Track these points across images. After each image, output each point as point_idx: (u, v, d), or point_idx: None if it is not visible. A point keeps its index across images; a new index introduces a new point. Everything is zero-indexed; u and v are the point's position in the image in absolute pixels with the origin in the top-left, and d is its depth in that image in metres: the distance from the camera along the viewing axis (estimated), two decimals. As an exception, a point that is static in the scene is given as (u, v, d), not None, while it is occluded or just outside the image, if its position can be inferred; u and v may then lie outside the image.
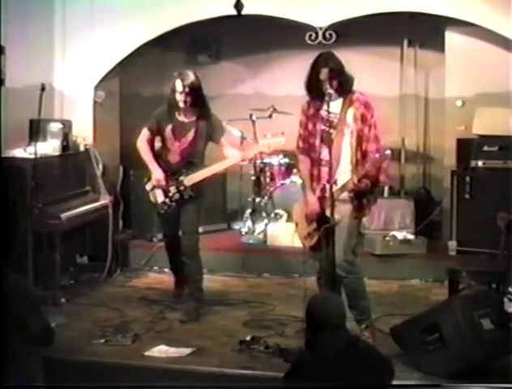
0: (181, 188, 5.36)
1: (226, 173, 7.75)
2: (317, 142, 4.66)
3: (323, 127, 4.63)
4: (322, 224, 4.61)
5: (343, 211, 4.54)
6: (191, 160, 5.39)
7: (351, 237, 4.67)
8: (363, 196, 4.65)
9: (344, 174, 4.58)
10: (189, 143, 5.36)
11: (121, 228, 6.85)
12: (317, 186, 4.67)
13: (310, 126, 4.71)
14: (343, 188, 4.54)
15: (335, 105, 4.62)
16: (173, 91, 5.29)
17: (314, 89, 4.65)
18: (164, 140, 5.44)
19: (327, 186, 4.50)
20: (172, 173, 5.40)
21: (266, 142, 5.43)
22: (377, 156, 4.49)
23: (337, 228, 4.43)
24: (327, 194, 4.49)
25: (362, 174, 4.52)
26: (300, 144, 4.80)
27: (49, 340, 3.55)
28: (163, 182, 5.38)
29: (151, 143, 5.51)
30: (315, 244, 4.71)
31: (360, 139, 4.59)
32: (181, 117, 5.38)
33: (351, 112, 4.62)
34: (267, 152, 5.78)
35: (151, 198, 5.50)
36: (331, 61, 4.64)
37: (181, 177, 5.36)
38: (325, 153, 4.59)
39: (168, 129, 5.39)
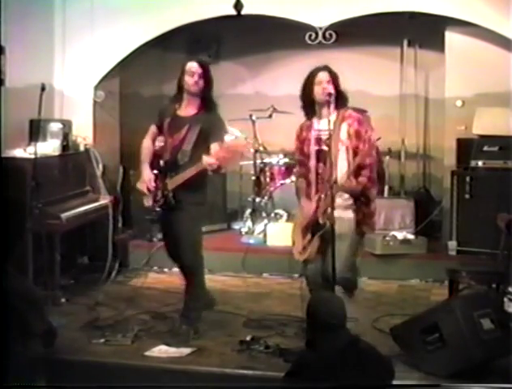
0: (165, 192, 4.82)
1: (226, 173, 7.76)
2: (313, 162, 4.67)
3: (317, 148, 4.63)
4: (315, 233, 4.61)
5: (345, 227, 4.54)
6: (179, 161, 4.83)
7: (351, 253, 4.67)
8: (362, 205, 4.65)
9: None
10: (180, 141, 4.83)
11: (121, 228, 6.85)
12: (314, 198, 4.66)
13: (305, 148, 4.72)
14: (338, 188, 4.52)
15: (328, 123, 4.55)
16: (183, 73, 4.82)
17: (308, 97, 4.64)
18: (164, 137, 4.97)
19: (323, 197, 4.52)
20: (164, 174, 4.88)
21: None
22: (366, 147, 4.51)
23: (338, 242, 4.41)
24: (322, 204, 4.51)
25: (356, 166, 4.52)
26: (297, 169, 4.84)
27: (51, 341, 3.55)
28: (149, 185, 4.88)
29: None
30: (308, 257, 4.70)
31: (356, 155, 4.57)
32: (180, 111, 4.91)
33: (344, 128, 4.60)
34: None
35: (145, 203, 4.99)
36: (327, 68, 4.67)
37: (167, 180, 4.84)
38: (321, 170, 4.60)
39: (166, 123, 4.93)
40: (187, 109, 4.90)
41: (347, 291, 4.64)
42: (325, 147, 4.56)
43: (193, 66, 4.84)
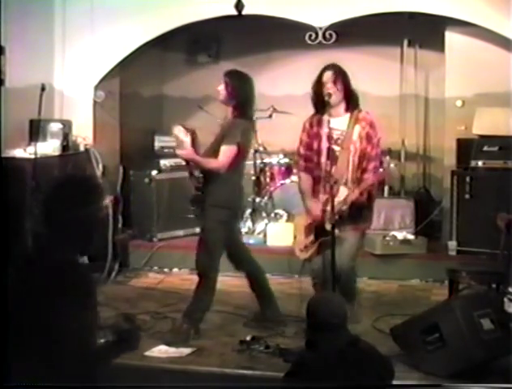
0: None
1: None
2: (323, 159, 4.63)
3: (328, 145, 4.57)
4: (319, 237, 4.62)
5: (346, 232, 4.54)
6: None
7: (352, 255, 4.68)
8: (362, 208, 4.65)
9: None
10: (211, 145, 4.99)
11: (121, 228, 6.85)
12: (320, 200, 4.65)
13: (315, 144, 4.67)
14: (345, 201, 4.52)
15: (341, 122, 4.59)
16: None
17: (318, 94, 4.62)
18: None
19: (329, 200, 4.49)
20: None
21: None
22: (373, 178, 4.55)
23: (338, 245, 4.43)
24: (329, 208, 4.48)
25: (364, 188, 4.54)
26: (302, 163, 4.77)
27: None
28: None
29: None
30: (310, 257, 4.70)
31: (362, 157, 4.57)
32: (224, 119, 5.13)
33: (357, 130, 4.59)
34: None
35: None
36: (335, 66, 4.65)
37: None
38: (328, 168, 4.55)
39: None
40: (227, 117, 5.04)
41: (347, 296, 4.60)
42: (336, 147, 4.55)
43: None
